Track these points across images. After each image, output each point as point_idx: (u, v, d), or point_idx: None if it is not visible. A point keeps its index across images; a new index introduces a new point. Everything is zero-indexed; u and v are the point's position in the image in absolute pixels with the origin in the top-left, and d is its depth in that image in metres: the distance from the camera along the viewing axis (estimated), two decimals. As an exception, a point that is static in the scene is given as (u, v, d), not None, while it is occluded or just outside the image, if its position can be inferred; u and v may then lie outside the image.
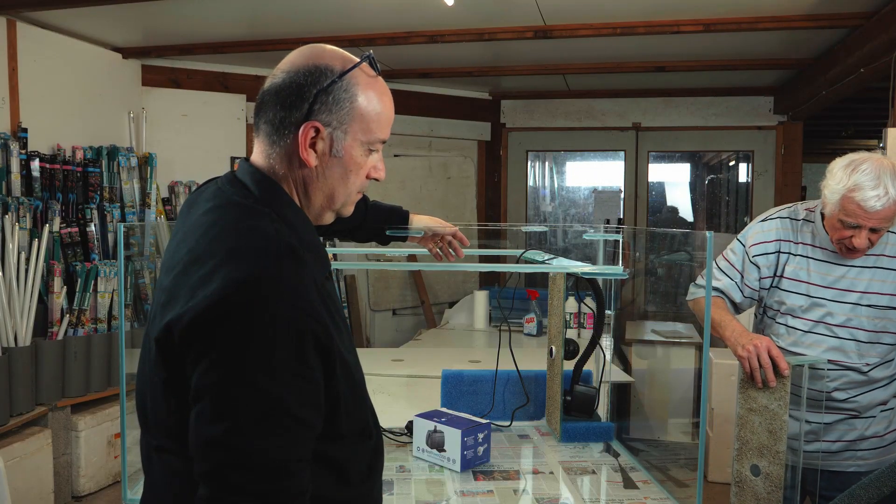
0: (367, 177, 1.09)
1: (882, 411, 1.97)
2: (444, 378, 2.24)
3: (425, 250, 1.83)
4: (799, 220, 2.00)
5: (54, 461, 3.32)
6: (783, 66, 4.51)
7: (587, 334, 3.77)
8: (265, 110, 1.02)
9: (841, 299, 1.91)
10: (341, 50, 1.06)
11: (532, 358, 2.63)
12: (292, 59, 1.03)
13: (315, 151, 1.01)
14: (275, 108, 1.01)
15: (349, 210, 1.11)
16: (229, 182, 1.05)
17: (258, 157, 1.05)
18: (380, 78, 1.07)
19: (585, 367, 2.17)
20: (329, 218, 1.10)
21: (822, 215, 1.90)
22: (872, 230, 1.80)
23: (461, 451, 1.82)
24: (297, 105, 1.00)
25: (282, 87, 1.01)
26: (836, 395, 1.93)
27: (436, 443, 1.87)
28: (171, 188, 4.51)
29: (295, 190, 1.05)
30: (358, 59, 1.05)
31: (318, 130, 1.00)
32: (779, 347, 1.78)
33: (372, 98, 1.04)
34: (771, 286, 2.01)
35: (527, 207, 5.99)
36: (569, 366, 2.14)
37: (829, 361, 1.91)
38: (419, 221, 1.76)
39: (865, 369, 1.91)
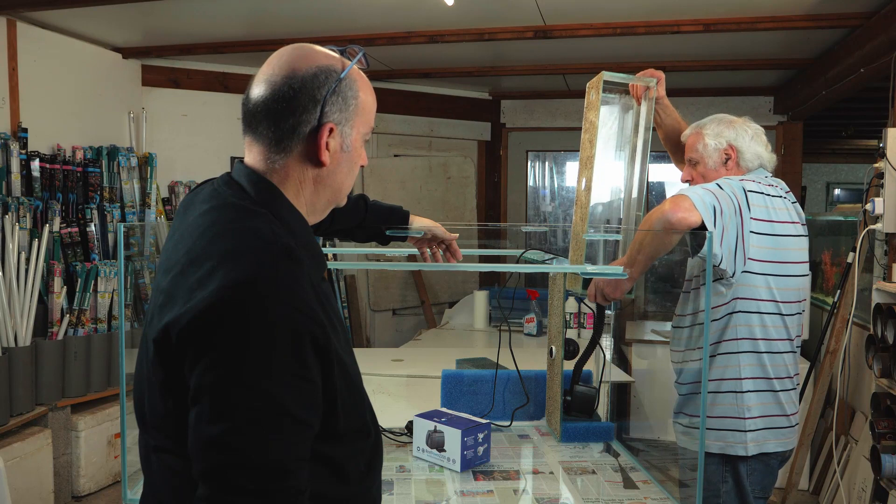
0: None
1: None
2: (444, 378, 2.24)
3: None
4: None
5: (54, 461, 3.32)
6: (783, 66, 4.51)
7: (587, 334, 3.76)
8: (267, 118, 1.02)
9: None
10: (321, 48, 1.07)
11: (532, 358, 2.63)
12: (285, 64, 1.02)
13: (328, 150, 1.03)
14: (282, 115, 1.01)
15: (345, 200, 1.14)
16: (225, 183, 1.05)
17: (255, 161, 1.05)
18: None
19: (585, 367, 2.17)
20: (328, 211, 1.12)
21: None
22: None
23: (461, 451, 1.82)
24: (310, 109, 1.01)
25: (287, 95, 1.01)
26: None
27: (436, 443, 1.87)
28: (171, 188, 4.51)
29: (301, 190, 1.06)
30: (337, 55, 1.06)
31: (331, 130, 1.03)
32: None
33: (367, 91, 1.09)
34: None
35: (527, 207, 5.98)
36: (569, 366, 2.14)
37: None
38: (419, 223, 1.76)
39: None
